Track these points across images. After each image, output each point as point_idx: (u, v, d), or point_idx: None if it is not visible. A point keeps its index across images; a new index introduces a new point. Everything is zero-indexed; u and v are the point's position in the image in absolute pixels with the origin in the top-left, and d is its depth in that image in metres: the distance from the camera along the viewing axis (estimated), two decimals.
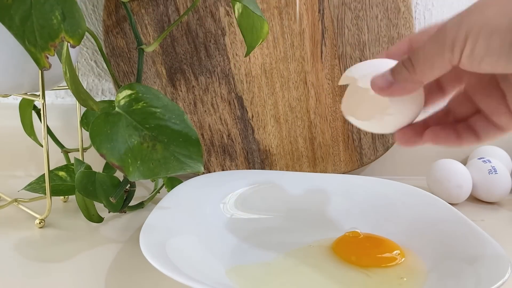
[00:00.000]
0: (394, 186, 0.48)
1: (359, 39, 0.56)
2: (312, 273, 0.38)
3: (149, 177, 0.36)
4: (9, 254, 0.41)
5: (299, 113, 0.58)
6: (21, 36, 0.34)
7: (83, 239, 0.44)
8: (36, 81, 0.43)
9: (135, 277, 0.37)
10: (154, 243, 0.35)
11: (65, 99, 0.63)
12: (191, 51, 0.56)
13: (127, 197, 0.46)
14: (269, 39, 0.56)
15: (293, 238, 0.43)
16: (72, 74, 0.37)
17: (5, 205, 0.48)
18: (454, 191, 0.53)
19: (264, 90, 0.57)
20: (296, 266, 0.39)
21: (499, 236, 0.38)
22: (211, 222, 0.43)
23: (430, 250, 0.39)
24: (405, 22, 0.56)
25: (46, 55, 0.35)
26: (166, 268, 0.31)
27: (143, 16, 0.55)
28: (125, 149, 0.36)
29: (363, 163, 0.59)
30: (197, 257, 0.37)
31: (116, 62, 0.56)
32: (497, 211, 0.54)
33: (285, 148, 0.58)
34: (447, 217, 0.42)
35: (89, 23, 0.61)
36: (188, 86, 0.57)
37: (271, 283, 0.36)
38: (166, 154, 0.36)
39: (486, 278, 0.32)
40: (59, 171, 0.49)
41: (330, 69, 0.57)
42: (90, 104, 0.38)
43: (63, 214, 0.49)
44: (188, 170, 0.36)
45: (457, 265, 0.35)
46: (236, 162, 0.58)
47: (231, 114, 0.57)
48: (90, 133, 0.36)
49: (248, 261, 0.39)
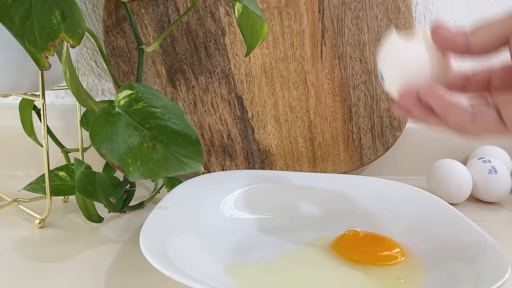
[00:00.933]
0: (394, 186, 0.48)
1: (359, 39, 0.56)
2: (311, 271, 0.38)
3: (149, 177, 0.36)
4: (9, 254, 0.41)
5: (299, 113, 0.58)
6: (21, 36, 0.34)
7: (83, 239, 0.44)
8: (36, 81, 0.43)
9: (135, 277, 0.37)
10: (154, 243, 0.35)
11: (65, 99, 0.63)
12: (191, 51, 0.56)
13: (127, 197, 0.46)
14: (269, 39, 0.56)
15: (293, 237, 0.43)
16: (72, 74, 0.37)
17: (5, 205, 0.48)
18: (454, 191, 0.53)
19: (264, 90, 0.57)
20: (296, 264, 0.39)
21: (499, 236, 0.38)
22: (211, 222, 0.43)
23: (430, 250, 0.39)
24: (405, 22, 0.56)
25: (46, 55, 0.35)
26: (166, 268, 0.31)
27: (143, 16, 0.55)
28: (125, 149, 0.36)
29: (363, 163, 0.59)
30: (197, 257, 0.37)
31: (116, 62, 0.56)
32: (497, 211, 0.54)
33: (285, 148, 0.58)
34: (447, 217, 0.42)
35: (89, 23, 0.61)
36: (188, 86, 0.57)
37: (271, 281, 0.36)
38: (166, 154, 0.36)
39: (486, 278, 0.32)
40: (59, 171, 0.49)
41: (330, 69, 0.57)
42: (90, 104, 0.38)
43: (63, 214, 0.49)
44: (188, 170, 0.36)
45: (457, 265, 0.35)
46: (236, 162, 0.58)
47: (231, 114, 0.57)
48: (90, 133, 0.36)
49: (248, 261, 0.39)
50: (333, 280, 0.37)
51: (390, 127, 0.58)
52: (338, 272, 0.38)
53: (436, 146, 0.62)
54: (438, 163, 0.55)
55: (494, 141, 0.61)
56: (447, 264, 0.36)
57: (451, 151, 0.62)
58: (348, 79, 0.57)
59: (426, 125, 0.32)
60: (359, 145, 0.58)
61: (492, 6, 0.62)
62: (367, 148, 0.59)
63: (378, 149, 0.59)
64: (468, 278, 0.33)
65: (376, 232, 0.43)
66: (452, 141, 0.62)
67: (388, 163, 0.62)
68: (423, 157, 0.62)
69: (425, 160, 0.62)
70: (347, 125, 0.58)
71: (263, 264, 0.39)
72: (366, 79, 0.57)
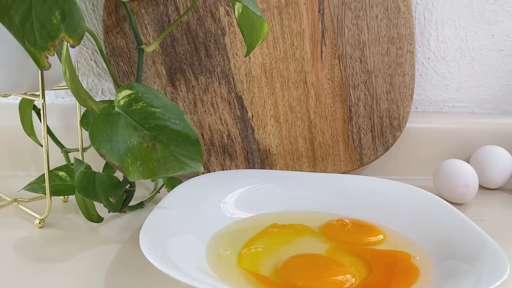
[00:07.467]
0: (394, 185, 0.48)
1: (359, 39, 0.56)
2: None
3: (149, 177, 0.36)
4: (9, 254, 0.41)
5: (299, 113, 0.58)
6: (21, 36, 0.34)
7: (83, 239, 0.44)
8: (36, 81, 0.43)
9: (135, 277, 0.37)
10: (154, 243, 0.35)
11: (65, 99, 0.63)
12: (191, 51, 0.56)
13: (127, 197, 0.46)
14: (269, 39, 0.56)
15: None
16: (72, 74, 0.37)
17: (5, 205, 0.48)
18: (462, 190, 0.53)
19: (264, 90, 0.57)
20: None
21: (499, 236, 0.38)
22: (211, 222, 0.43)
23: (430, 250, 0.39)
24: (405, 22, 0.56)
25: (46, 55, 0.35)
26: (166, 267, 0.31)
27: (143, 16, 0.55)
28: (124, 149, 0.36)
29: (363, 163, 0.59)
30: (197, 257, 0.37)
31: (116, 62, 0.56)
32: (498, 211, 0.54)
33: (285, 148, 0.58)
34: (447, 216, 0.42)
35: (89, 23, 0.61)
36: (188, 86, 0.57)
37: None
38: (165, 154, 0.36)
39: (486, 278, 0.32)
40: (59, 171, 0.49)
41: (330, 69, 0.57)
42: (90, 104, 0.38)
43: (63, 214, 0.49)
44: (188, 170, 0.36)
45: (456, 265, 0.36)
46: (236, 162, 0.58)
47: (231, 114, 0.57)
48: (90, 133, 0.36)
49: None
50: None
51: (390, 127, 0.58)
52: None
53: (437, 146, 0.62)
54: (445, 162, 0.55)
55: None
56: (446, 263, 0.36)
57: (451, 151, 0.62)
58: (348, 79, 0.57)
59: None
60: (359, 145, 0.58)
61: (492, 6, 0.62)
62: (367, 148, 0.59)
63: (378, 149, 0.59)
64: (467, 277, 0.33)
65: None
66: (453, 141, 0.62)
67: (388, 163, 0.62)
68: (423, 157, 0.62)
69: (425, 160, 0.62)
70: (347, 125, 0.58)
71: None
72: (366, 79, 0.57)
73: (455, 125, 0.63)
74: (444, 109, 0.66)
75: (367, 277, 0.36)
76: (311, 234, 0.43)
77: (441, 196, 0.49)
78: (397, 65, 0.57)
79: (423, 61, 0.64)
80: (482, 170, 0.57)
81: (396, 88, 0.57)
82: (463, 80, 0.65)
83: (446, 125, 0.63)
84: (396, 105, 0.58)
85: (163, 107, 0.37)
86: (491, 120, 0.64)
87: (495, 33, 0.63)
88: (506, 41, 0.63)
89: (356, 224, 0.44)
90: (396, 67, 0.57)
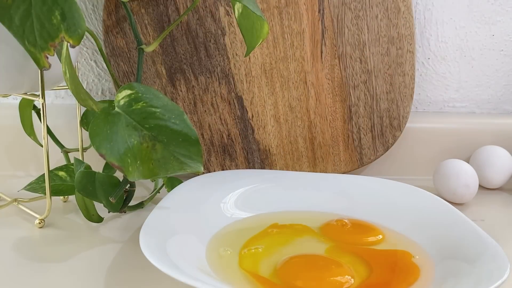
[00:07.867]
0: (394, 186, 0.48)
1: (359, 39, 0.56)
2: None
3: (149, 177, 0.36)
4: (9, 254, 0.41)
5: (299, 113, 0.58)
6: (21, 36, 0.34)
7: (83, 239, 0.44)
8: (36, 81, 0.43)
9: (135, 277, 0.37)
10: (154, 243, 0.35)
11: (65, 99, 0.63)
12: (191, 51, 0.56)
13: (127, 197, 0.46)
14: (269, 39, 0.56)
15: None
16: (72, 74, 0.37)
17: (5, 205, 0.48)
18: (461, 190, 0.53)
19: (264, 90, 0.57)
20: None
21: (499, 236, 0.38)
22: (211, 222, 0.43)
23: (430, 250, 0.39)
24: (405, 22, 0.56)
25: (45, 55, 0.35)
26: (167, 267, 0.31)
27: (143, 16, 0.55)
28: (124, 149, 0.36)
29: (363, 163, 0.59)
30: (197, 257, 0.37)
31: (116, 62, 0.56)
32: (497, 211, 0.54)
33: (285, 148, 0.58)
34: (447, 216, 0.42)
35: (89, 23, 0.61)
36: (188, 86, 0.57)
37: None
38: (165, 154, 0.36)
39: (486, 278, 0.32)
40: (59, 171, 0.49)
41: (330, 69, 0.57)
42: (90, 104, 0.38)
43: (63, 214, 0.49)
44: (188, 170, 0.36)
45: (456, 265, 0.35)
46: (236, 162, 0.58)
47: (231, 114, 0.57)
48: (90, 133, 0.36)
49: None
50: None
51: (390, 127, 0.58)
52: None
53: (437, 146, 0.62)
54: (445, 163, 0.55)
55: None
56: (446, 263, 0.36)
57: (451, 151, 0.62)
58: (348, 79, 0.57)
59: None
60: (359, 145, 0.58)
61: (492, 6, 0.62)
62: (367, 148, 0.59)
63: (378, 149, 0.59)
64: (467, 277, 0.33)
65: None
66: (453, 141, 0.62)
67: (388, 163, 0.62)
68: (423, 157, 0.62)
69: (425, 160, 0.62)
70: (347, 125, 0.58)
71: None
72: (366, 79, 0.57)
73: (455, 125, 0.63)
74: (444, 109, 0.66)
75: (369, 276, 0.36)
76: (311, 234, 0.43)
77: (441, 196, 0.49)
78: (397, 65, 0.57)
79: (423, 61, 0.64)
80: (482, 170, 0.57)
81: (396, 88, 0.57)
82: (463, 80, 0.65)
83: (446, 125, 0.63)
84: (396, 105, 0.58)
85: (163, 107, 0.37)
86: (491, 120, 0.64)
87: (495, 33, 0.63)
88: (506, 41, 0.63)
89: (356, 224, 0.44)
90: (396, 67, 0.57)
